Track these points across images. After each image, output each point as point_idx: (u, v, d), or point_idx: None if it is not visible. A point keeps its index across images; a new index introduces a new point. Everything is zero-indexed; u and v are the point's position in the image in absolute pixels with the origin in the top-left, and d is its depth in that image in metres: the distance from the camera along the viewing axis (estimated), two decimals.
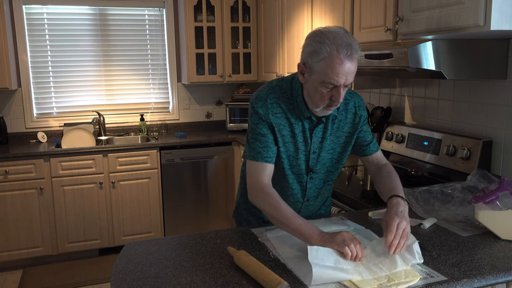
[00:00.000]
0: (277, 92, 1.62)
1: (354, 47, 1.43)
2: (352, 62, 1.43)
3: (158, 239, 1.61)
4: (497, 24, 1.58)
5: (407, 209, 1.46)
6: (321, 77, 1.45)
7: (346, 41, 1.41)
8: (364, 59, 2.24)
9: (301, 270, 1.31)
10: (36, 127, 4.15)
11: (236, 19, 4.31)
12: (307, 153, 1.66)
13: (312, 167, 1.69)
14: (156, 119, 4.48)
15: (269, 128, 1.60)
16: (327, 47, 1.41)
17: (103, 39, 4.27)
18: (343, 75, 1.42)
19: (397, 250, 1.33)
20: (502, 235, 1.57)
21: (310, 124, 1.63)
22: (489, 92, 2.21)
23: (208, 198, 4.13)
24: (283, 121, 1.61)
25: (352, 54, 1.42)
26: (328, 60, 1.42)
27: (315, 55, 1.44)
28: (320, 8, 2.98)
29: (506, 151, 2.14)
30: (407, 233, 1.36)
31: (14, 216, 3.59)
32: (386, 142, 2.79)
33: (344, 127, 1.69)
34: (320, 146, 1.67)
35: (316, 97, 1.51)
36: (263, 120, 1.59)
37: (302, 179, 1.71)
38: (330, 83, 1.44)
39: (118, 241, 3.87)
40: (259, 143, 1.59)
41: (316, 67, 1.45)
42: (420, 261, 1.35)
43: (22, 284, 3.42)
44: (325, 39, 1.42)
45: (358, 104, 1.71)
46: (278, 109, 1.60)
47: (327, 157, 1.70)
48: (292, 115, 1.61)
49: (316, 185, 1.75)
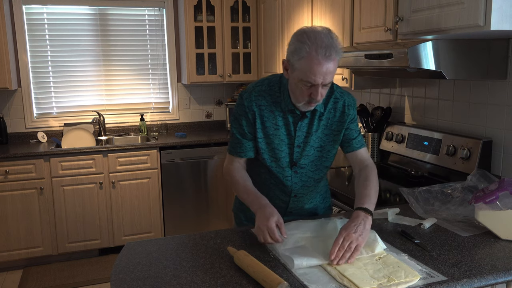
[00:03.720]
0: (265, 85, 1.70)
1: (335, 48, 1.48)
2: (331, 62, 1.48)
3: (158, 239, 1.61)
4: (497, 24, 1.58)
5: (368, 221, 1.48)
6: (300, 75, 1.51)
7: (326, 42, 1.47)
8: (364, 59, 2.24)
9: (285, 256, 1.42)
10: (36, 127, 4.14)
11: (236, 19, 4.31)
12: (291, 146, 1.71)
13: (296, 160, 1.73)
14: (156, 119, 4.48)
15: (251, 119, 1.68)
16: (307, 47, 1.47)
17: (103, 39, 4.27)
18: (320, 75, 1.48)
19: (340, 262, 1.35)
20: (502, 235, 1.57)
21: (294, 118, 1.68)
22: (489, 92, 2.21)
23: (208, 198, 4.13)
24: (268, 113, 1.68)
25: (331, 55, 1.47)
26: (307, 60, 1.48)
27: (296, 54, 1.50)
28: (320, 8, 2.98)
29: (506, 151, 2.14)
30: (354, 247, 1.38)
31: (14, 216, 3.59)
32: (386, 142, 2.79)
33: (333, 125, 1.73)
34: (305, 141, 1.71)
35: (296, 92, 1.58)
36: (246, 112, 1.68)
37: (286, 173, 1.75)
38: (308, 82, 1.51)
39: (118, 241, 3.87)
40: (236, 137, 1.72)
41: (296, 65, 1.52)
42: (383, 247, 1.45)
43: (22, 284, 3.42)
44: (306, 39, 1.48)
45: (347, 104, 1.74)
46: (263, 102, 1.68)
47: (313, 153, 1.74)
48: (276, 108, 1.68)
49: (304, 181, 1.77)
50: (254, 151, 1.74)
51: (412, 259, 1.41)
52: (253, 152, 1.74)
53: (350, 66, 2.46)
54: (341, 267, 1.33)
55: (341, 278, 1.28)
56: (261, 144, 1.71)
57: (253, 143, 1.72)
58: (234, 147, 1.75)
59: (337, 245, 1.38)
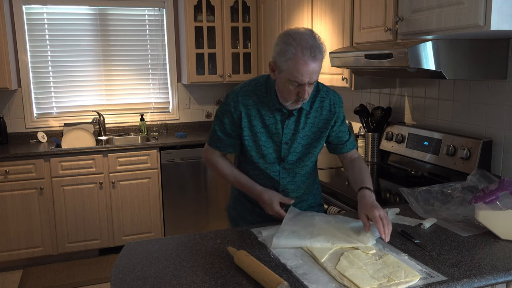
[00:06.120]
0: (251, 85, 1.76)
1: (319, 48, 1.55)
2: (316, 62, 1.55)
3: (158, 239, 1.61)
4: (497, 24, 1.58)
5: (374, 197, 1.64)
6: (287, 75, 1.57)
7: (310, 43, 1.54)
8: (364, 59, 2.24)
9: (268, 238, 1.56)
10: (36, 127, 4.14)
11: (236, 19, 4.31)
12: (278, 143, 1.77)
13: (284, 156, 1.78)
14: (156, 119, 4.48)
15: (236, 119, 1.74)
16: (293, 48, 1.53)
17: (103, 39, 4.27)
18: (307, 74, 1.55)
19: (388, 237, 1.50)
20: (502, 235, 1.57)
21: (281, 116, 1.74)
22: (489, 92, 2.21)
23: (208, 198, 4.13)
24: (254, 112, 1.74)
25: (315, 55, 1.54)
26: (293, 61, 1.54)
27: (282, 55, 1.56)
28: (320, 8, 2.98)
29: (506, 151, 2.14)
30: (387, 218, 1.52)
31: (14, 216, 3.59)
32: (386, 142, 2.79)
33: (319, 123, 1.79)
34: (292, 138, 1.76)
35: (284, 93, 1.64)
36: (231, 112, 1.74)
37: (274, 168, 1.80)
38: (296, 82, 1.57)
39: (118, 241, 3.87)
40: (218, 133, 1.79)
41: (283, 67, 1.58)
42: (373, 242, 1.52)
43: (22, 284, 3.42)
44: (291, 41, 1.54)
45: (333, 102, 1.80)
46: (249, 101, 1.74)
47: (300, 150, 1.79)
48: (263, 107, 1.74)
49: (291, 176, 1.82)
50: (234, 148, 1.82)
51: (412, 259, 1.41)
52: (233, 149, 1.82)
53: (350, 66, 2.46)
54: (341, 267, 1.34)
55: (341, 278, 1.28)
56: (248, 142, 1.76)
57: (234, 141, 1.79)
58: (214, 141, 1.82)
59: (381, 225, 1.50)
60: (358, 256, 1.41)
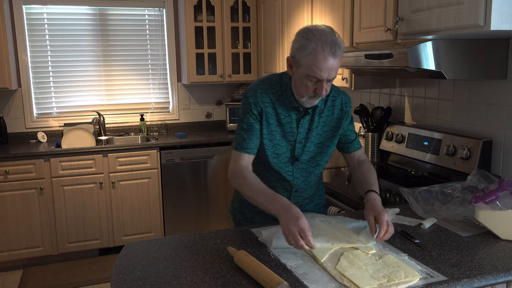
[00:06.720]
0: (266, 84, 1.74)
1: (339, 45, 1.54)
2: (336, 58, 1.54)
3: (158, 239, 1.61)
4: (497, 24, 1.58)
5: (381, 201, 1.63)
6: (306, 71, 1.56)
7: (331, 39, 1.53)
8: (364, 59, 2.24)
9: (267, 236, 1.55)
10: (36, 127, 4.14)
11: (236, 19, 4.31)
12: (293, 142, 1.75)
13: (297, 156, 1.77)
14: (156, 119, 4.48)
15: (258, 116, 1.70)
16: (313, 43, 1.53)
17: (103, 39, 4.27)
18: (326, 70, 1.54)
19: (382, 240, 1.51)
20: (502, 235, 1.57)
21: (297, 115, 1.73)
22: (489, 92, 2.21)
23: (208, 198, 4.13)
24: (271, 110, 1.72)
25: (335, 52, 1.53)
26: (313, 56, 1.53)
27: (302, 50, 1.55)
28: (320, 8, 2.98)
29: (506, 151, 2.14)
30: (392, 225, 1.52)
31: (14, 216, 3.59)
32: (386, 142, 2.79)
33: (332, 122, 1.79)
34: (306, 137, 1.76)
35: (301, 88, 1.62)
36: (252, 109, 1.70)
37: (288, 168, 1.78)
38: (314, 77, 1.56)
39: (118, 241, 3.87)
40: (244, 133, 1.71)
41: (302, 62, 1.56)
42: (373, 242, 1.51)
43: (22, 284, 3.42)
44: (311, 36, 1.54)
45: (344, 101, 1.81)
46: (266, 99, 1.71)
47: (314, 149, 1.79)
48: (279, 106, 1.72)
49: (304, 176, 1.81)
50: (257, 148, 1.74)
51: (412, 259, 1.41)
52: (256, 150, 1.74)
53: (350, 66, 2.46)
54: (341, 267, 1.34)
55: (341, 278, 1.28)
56: (265, 140, 1.73)
57: (257, 140, 1.72)
58: (240, 143, 1.71)
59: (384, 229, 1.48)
60: (358, 256, 1.41)
